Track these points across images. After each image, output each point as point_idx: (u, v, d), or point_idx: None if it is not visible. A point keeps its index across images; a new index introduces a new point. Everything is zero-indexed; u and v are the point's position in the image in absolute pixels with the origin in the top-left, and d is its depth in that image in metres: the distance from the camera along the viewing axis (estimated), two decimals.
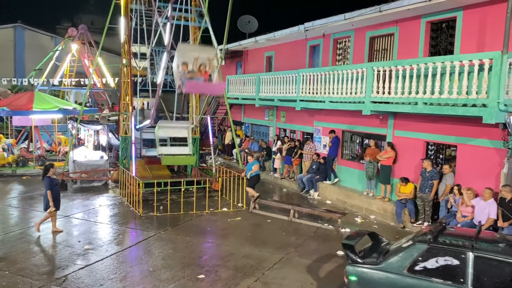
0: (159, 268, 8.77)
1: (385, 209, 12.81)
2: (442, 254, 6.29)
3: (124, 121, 15.67)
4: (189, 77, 12.42)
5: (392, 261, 6.59)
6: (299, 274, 8.67)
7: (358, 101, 12.94)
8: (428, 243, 6.47)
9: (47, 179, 10.78)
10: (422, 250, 6.43)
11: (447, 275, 6.14)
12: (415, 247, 6.53)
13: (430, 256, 6.34)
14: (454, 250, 6.27)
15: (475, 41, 10.96)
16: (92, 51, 26.88)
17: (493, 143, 10.18)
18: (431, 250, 6.38)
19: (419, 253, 6.43)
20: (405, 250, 6.61)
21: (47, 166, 11.11)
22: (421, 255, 6.39)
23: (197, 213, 12.75)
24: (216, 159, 18.61)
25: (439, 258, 6.27)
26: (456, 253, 6.22)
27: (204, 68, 12.72)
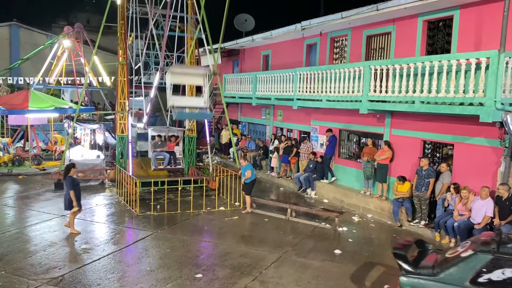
0: (156, 267, 8.74)
1: (382, 208, 12.83)
2: (509, 265, 5.88)
3: (121, 120, 15.61)
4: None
5: (451, 272, 6.18)
6: (296, 273, 8.67)
7: (355, 100, 12.94)
8: (492, 253, 6.06)
9: (69, 179, 10.80)
10: (486, 260, 6.01)
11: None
12: (478, 258, 6.11)
13: (495, 267, 5.93)
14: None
15: (472, 40, 10.98)
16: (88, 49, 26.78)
17: (490, 142, 10.20)
18: (496, 261, 5.96)
19: (482, 264, 6.00)
20: (466, 261, 6.18)
21: (68, 166, 11.15)
22: (485, 266, 5.97)
23: (194, 212, 12.72)
24: (213, 158, 18.58)
25: (506, 269, 5.86)
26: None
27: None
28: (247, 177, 12.96)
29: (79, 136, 21.74)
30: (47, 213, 12.38)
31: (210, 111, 13.83)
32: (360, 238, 11.13)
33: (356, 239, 11.04)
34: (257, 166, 19.37)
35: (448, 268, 6.29)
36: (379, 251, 10.26)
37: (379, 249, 10.45)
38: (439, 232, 10.80)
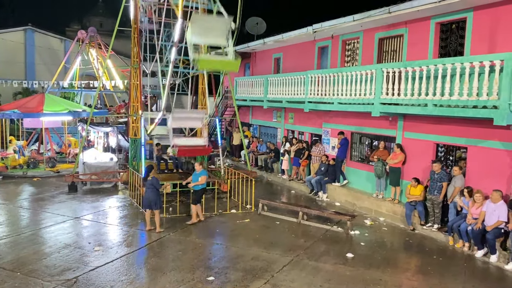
0: (168, 270, 8.80)
1: (394, 211, 12.74)
2: None
3: (134, 123, 15.75)
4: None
5: None
6: (308, 276, 8.65)
7: (367, 103, 12.88)
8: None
9: (154, 179, 11.27)
10: None
11: None
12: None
13: None
14: None
15: (485, 42, 10.86)
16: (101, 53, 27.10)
17: (504, 145, 10.08)
18: None
19: None
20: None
21: (150, 167, 11.73)
22: None
23: (206, 215, 12.77)
24: (224, 160, 18.63)
25: None
26: None
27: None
28: (200, 183, 12.02)
29: (93, 139, 21.99)
30: (61, 215, 12.54)
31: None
32: (373, 241, 11.07)
33: (368, 242, 10.98)
34: (269, 169, 19.40)
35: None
36: (392, 255, 10.20)
37: (392, 252, 10.39)
38: (452, 236, 10.70)
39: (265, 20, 24.00)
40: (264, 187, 17.12)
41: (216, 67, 14.05)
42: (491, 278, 8.93)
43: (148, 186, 11.28)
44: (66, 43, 35.86)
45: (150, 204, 11.25)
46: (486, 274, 9.19)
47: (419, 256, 10.17)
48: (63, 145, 22.58)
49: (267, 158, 19.62)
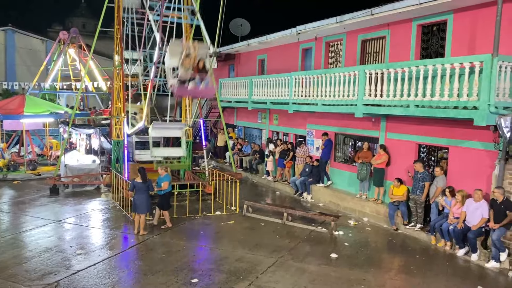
0: (152, 272, 8.71)
1: (378, 211, 12.86)
2: None
3: (116, 125, 15.59)
4: (182, 77, 12.25)
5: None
6: (293, 277, 8.66)
7: (351, 104, 12.98)
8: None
9: (150, 182, 11.27)
10: None
11: None
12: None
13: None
14: None
15: (466, 44, 11.04)
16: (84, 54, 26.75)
17: (484, 145, 10.25)
18: None
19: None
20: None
21: (143, 169, 11.35)
22: None
23: (190, 217, 12.70)
24: (209, 162, 18.57)
25: None
26: None
27: (202, 63, 12.35)
28: (163, 188, 11.72)
29: (75, 141, 21.67)
30: (43, 218, 12.32)
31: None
32: (356, 242, 11.15)
33: (352, 243, 11.05)
34: (254, 170, 19.39)
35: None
36: (375, 255, 10.28)
37: (375, 252, 10.47)
38: (434, 236, 10.84)
39: (249, 22, 24.04)
40: (249, 188, 17.10)
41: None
42: (472, 276, 9.06)
43: (145, 189, 11.11)
44: (47, 44, 35.26)
45: (146, 207, 11.06)
46: (467, 272, 9.32)
47: (402, 255, 10.27)
48: (44, 147, 22.22)
49: (252, 160, 19.62)
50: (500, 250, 9.33)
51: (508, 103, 9.50)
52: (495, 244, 9.36)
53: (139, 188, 11.05)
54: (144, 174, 11.24)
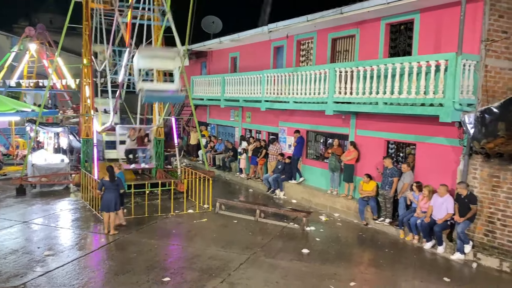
0: (123, 272, 8.59)
1: (348, 207, 13.08)
2: None
3: (86, 123, 15.28)
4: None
5: None
6: (265, 273, 8.72)
7: (321, 102, 13.14)
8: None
9: (119, 180, 11.17)
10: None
11: None
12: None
13: None
14: None
15: (432, 43, 11.34)
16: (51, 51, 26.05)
17: (449, 141, 10.58)
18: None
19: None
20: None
21: (112, 168, 11.25)
22: None
23: (162, 216, 12.59)
24: (181, 160, 18.44)
25: None
26: None
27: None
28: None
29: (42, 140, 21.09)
30: (8, 219, 11.95)
31: (182, 92, 13.45)
32: (327, 237, 11.31)
33: (323, 238, 11.21)
34: (227, 168, 19.37)
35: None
36: (346, 250, 10.46)
37: (346, 247, 10.66)
38: (403, 230, 11.11)
39: (221, 19, 23.95)
40: (222, 186, 17.08)
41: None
42: (438, 268, 9.35)
43: (115, 187, 10.95)
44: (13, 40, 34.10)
45: (114, 205, 10.86)
46: (434, 264, 9.61)
47: (372, 249, 10.49)
48: (10, 146, 21.56)
49: (225, 157, 19.59)
50: (465, 242, 9.66)
51: (472, 100, 9.84)
52: (460, 237, 9.69)
53: (108, 187, 10.87)
54: (113, 172, 11.08)
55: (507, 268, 9.08)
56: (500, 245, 9.39)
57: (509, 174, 9.22)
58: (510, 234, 9.20)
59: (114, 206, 10.91)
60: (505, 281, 8.72)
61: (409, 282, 8.53)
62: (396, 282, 8.54)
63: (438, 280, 8.64)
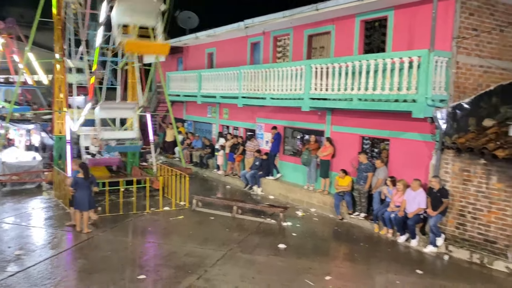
0: (97, 270, 8.45)
1: (324, 202, 13.20)
2: None
3: (58, 120, 14.94)
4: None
5: None
6: (241, 269, 8.72)
7: (298, 98, 13.20)
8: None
9: (93, 178, 10.99)
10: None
11: None
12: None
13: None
14: None
15: (405, 39, 11.51)
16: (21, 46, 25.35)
17: (422, 137, 10.78)
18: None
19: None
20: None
21: (86, 165, 11.13)
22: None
23: (137, 213, 12.44)
24: (157, 157, 18.24)
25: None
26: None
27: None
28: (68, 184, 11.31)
29: (13, 137, 20.53)
30: None
31: (140, 140, 14.14)
32: (304, 231, 11.40)
33: (300, 233, 11.29)
34: (204, 165, 19.28)
35: None
36: (322, 244, 10.58)
37: (322, 241, 10.78)
38: (377, 224, 11.29)
39: (197, 15, 23.76)
40: (199, 183, 16.99)
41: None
42: (411, 261, 9.54)
43: (88, 185, 10.72)
44: None
45: (88, 204, 10.65)
46: (407, 257, 9.80)
47: (347, 244, 10.63)
48: None
49: (202, 154, 19.49)
50: (437, 235, 9.89)
51: (444, 96, 10.05)
52: (432, 230, 9.90)
53: (81, 184, 10.63)
54: (87, 169, 10.88)
55: (477, 260, 9.34)
56: (470, 237, 9.65)
57: (479, 168, 9.47)
58: (480, 227, 9.46)
59: (89, 205, 10.69)
60: (475, 272, 8.97)
61: (384, 275, 8.67)
62: (370, 275, 8.67)
63: (411, 272, 8.81)
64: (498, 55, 10.98)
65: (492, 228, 9.25)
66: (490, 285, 8.33)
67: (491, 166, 9.23)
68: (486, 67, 10.77)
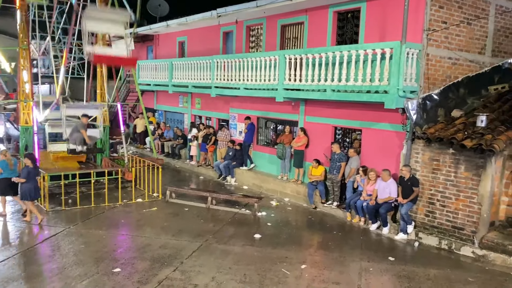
0: (70, 265, 8.29)
1: (298, 192, 13.35)
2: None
3: (24, 110, 14.43)
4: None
5: None
6: (217, 260, 8.74)
7: (272, 88, 13.21)
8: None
9: (38, 168, 11.15)
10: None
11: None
12: None
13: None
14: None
15: (377, 31, 11.66)
16: None
17: (393, 127, 11.02)
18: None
19: None
20: None
21: (32, 155, 11.16)
22: None
23: (109, 206, 12.23)
24: (128, 148, 17.93)
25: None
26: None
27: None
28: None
29: None
30: None
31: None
32: (278, 221, 11.51)
33: (274, 222, 11.39)
34: (176, 155, 19.09)
35: None
36: (296, 233, 10.71)
37: (296, 230, 10.91)
38: (350, 212, 11.52)
39: (168, 2, 23.29)
40: (171, 174, 16.84)
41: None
42: (383, 248, 9.80)
43: (35, 175, 10.77)
44: None
45: (37, 193, 10.78)
46: (379, 244, 10.07)
47: (321, 232, 10.82)
48: None
49: (174, 144, 19.29)
50: (408, 223, 10.19)
51: (415, 87, 10.29)
52: (403, 218, 10.19)
53: (33, 175, 10.64)
54: (35, 159, 10.96)
55: (446, 246, 9.69)
56: (439, 224, 9.99)
57: (447, 158, 9.78)
58: (448, 214, 9.80)
59: (38, 193, 10.90)
60: (444, 258, 9.30)
61: (357, 262, 8.88)
62: (344, 263, 8.86)
63: (383, 259, 9.06)
64: (465, 47, 11.32)
65: (460, 215, 9.60)
66: (458, 269, 8.66)
67: (459, 155, 9.55)
68: (454, 59, 11.08)
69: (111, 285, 7.51)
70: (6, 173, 10.93)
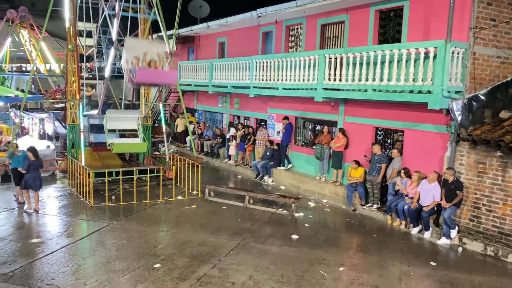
0: (113, 259, 8.57)
1: (336, 193, 13.19)
2: None
3: (71, 109, 15.05)
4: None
5: None
6: (254, 259, 8.78)
7: (311, 88, 13.14)
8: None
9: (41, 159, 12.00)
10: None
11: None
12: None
13: None
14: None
15: (421, 30, 11.36)
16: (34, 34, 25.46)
17: (437, 128, 10.69)
18: None
19: None
20: None
21: (34, 148, 11.94)
22: None
23: (151, 202, 12.55)
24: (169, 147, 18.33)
25: None
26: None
27: (154, 64, 12.82)
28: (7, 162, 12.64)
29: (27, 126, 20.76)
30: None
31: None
32: (316, 222, 11.43)
33: (312, 223, 11.31)
34: (215, 155, 19.34)
35: None
36: (334, 235, 10.59)
37: (334, 232, 10.79)
38: (390, 215, 11.27)
39: (208, 3, 23.62)
40: (210, 173, 17.07)
41: (128, 150, 15.59)
42: (425, 253, 9.53)
43: (38, 167, 11.65)
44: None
45: (39, 184, 11.61)
46: (420, 249, 9.79)
47: (360, 235, 10.64)
48: None
49: (213, 144, 19.54)
50: (451, 227, 9.85)
51: (460, 88, 9.94)
52: (446, 222, 9.87)
53: (34, 166, 11.46)
54: (36, 152, 11.68)
55: (491, 252, 9.31)
56: (485, 230, 9.60)
57: (494, 161, 9.38)
58: (495, 219, 9.40)
59: (41, 184, 11.70)
60: (489, 265, 8.94)
61: (397, 267, 8.68)
62: (383, 266, 8.69)
63: (424, 264, 8.81)
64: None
65: (508, 221, 9.19)
66: (505, 277, 8.29)
67: (507, 158, 9.14)
68: (503, 58, 10.61)
69: (152, 280, 7.71)
70: (15, 163, 12.14)
